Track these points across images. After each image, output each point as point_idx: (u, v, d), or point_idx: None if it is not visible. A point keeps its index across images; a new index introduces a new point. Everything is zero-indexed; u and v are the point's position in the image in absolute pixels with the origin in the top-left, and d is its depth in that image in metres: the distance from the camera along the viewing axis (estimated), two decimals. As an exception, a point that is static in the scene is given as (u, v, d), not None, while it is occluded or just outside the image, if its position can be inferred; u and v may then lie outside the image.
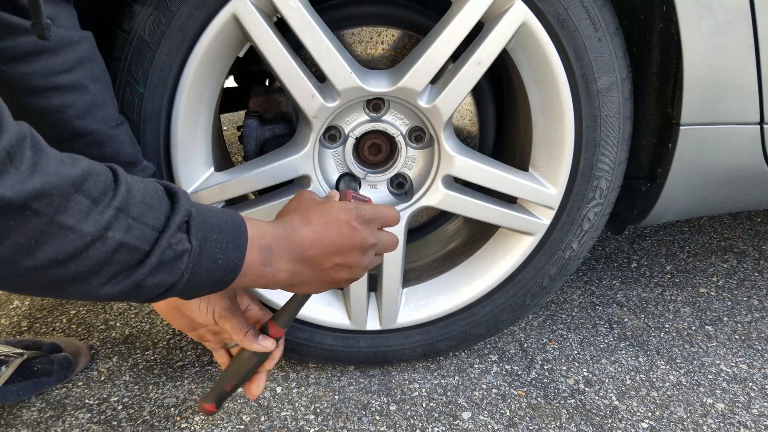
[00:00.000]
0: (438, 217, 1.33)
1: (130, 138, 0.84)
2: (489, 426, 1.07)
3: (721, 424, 1.08)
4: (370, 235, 0.79)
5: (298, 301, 0.87)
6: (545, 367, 1.22)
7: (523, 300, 1.14)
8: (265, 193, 1.08)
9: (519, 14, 0.90)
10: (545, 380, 1.19)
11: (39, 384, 1.13)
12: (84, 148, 0.78)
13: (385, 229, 0.85)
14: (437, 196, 1.04)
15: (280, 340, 0.90)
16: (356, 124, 1.01)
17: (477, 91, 1.17)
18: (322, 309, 1.13)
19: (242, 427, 1.06)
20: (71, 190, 0.51)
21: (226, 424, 1.07)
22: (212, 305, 0.88)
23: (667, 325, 1.37)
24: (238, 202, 1.09)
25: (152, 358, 1.25)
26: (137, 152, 0.84)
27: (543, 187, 1.04)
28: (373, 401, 1.13)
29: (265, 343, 0.88)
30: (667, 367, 1.23)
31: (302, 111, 0.95)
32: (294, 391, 1.16)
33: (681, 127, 0.99)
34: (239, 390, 1.15)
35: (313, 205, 0.79)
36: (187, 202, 0.62)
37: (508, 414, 1.10)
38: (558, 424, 1.08)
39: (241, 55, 0.97)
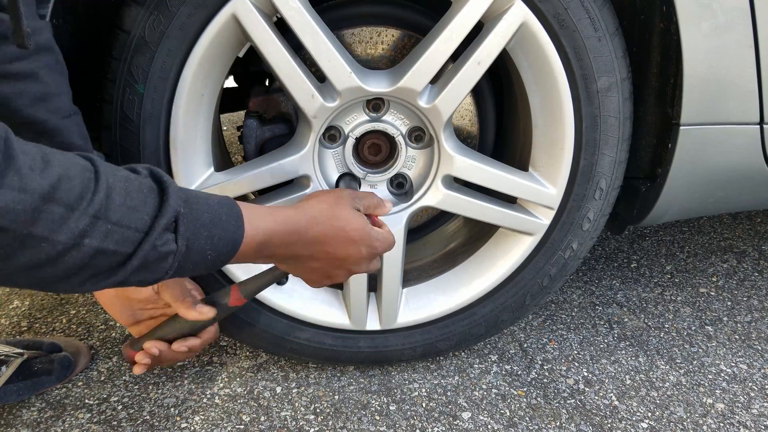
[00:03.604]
0: (438, 217, 1.33)
1: (80, 129, 0.83)
2: (489, 426, 1.07)
3: (721, 424, 1.08)
4: (365, 264, 0.83)
5: (273, 276, 0.86)
6: (545, 367, 1.22)
7: (523, 300, 1.14)
8: (265, 193, 1.08)
9: (519, 14, 0.90)
10: (545, 380, 1.19)
11: (39, 384, 1.13)
12: (35, 137, 0.76)
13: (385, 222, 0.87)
14: (437, 196, 1.04)
15: (227, 310, 0.88)
16: (356, 124, 1.01)
17: (477, 91, 1.17)
18: (322, 309, 1.13)
19: (242, 427, 1.06)
20: (40, 202, 0.50)
21: (226, 424, 1.07)
22: None
23: (667, 325, 1.37)
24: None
25: (152, 358, 1.25)
26: (86, 143, 0.83)
27: (543, 187, 1.04)
28: (373, 401, 1.13)
29: (203, 310, 0.85)
30: (667, 367, 1.23)
31: (302, 111, 0.95)
32: (294, 391, 1.16)
33: (681, 127, 0.99)
34: (238, 390, 1.15)
35: (335, 204, 0.79)
36: (177, 200, 0.61)
37: (508, 414, 1.10)
38: (558, 424, 1.08)
39: (241, 55, 0.97)
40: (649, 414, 1.10)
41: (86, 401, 1.12)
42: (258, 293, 0.88)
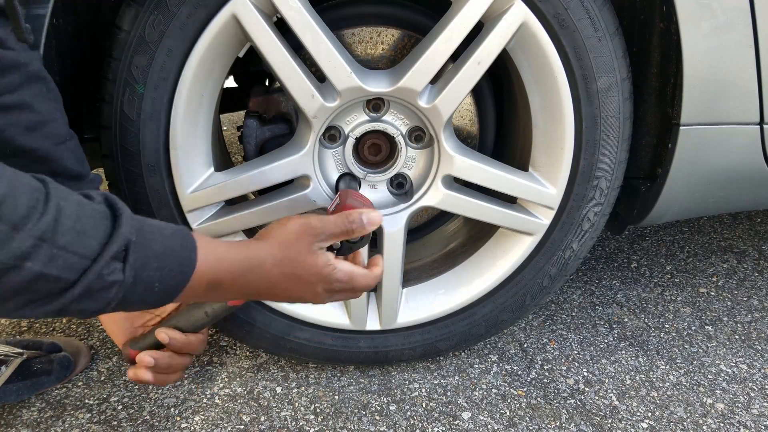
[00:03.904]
0: (438, 217, 1.33)
1: (76, 153, 0.82)
2: (489, 426, 1.07)
3: (721, 424, 1.08)
4: (326, 298, 0.81)
5: None
6: (545, 367, 1.22)
7: (523, 300, 1.14)
8: (265, 193, 1.08)
9: (519, 14, 0.90)
10: (545, 380, 1.19)
11: (39, 384, 1.13)
12: (28, 164, 0.76)
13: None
14: (437, 196, 1.04)
15: (226, 310, 0.88)
16: (356, 124, 1.01)
17: (477, 91, 1.17)
18: (322, 309, 1.13)
19: (242, 427, 1.06)
20: None
21: (226, 424, 1.07)
22: None
23: (667, 325, 1.37)
24: (238, 202, 1.09)
25: (152, 358, 1.24)
26: (82, 166, 0.82)
27: (543, 187, 1.04)
28: (373, 401, 1.13)
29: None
30: (667, 367, 1.23)
31: (302, 111, 0.95)
32: (294, 391, 1.16)
33: (681, 127, 0.99)
34: (238, 390, 1.15)
35: (292, 250, 0.76)
36: (129, 228, 0.59)
37: (508, 414, 1.10)
38: (558, 424, 1.08)
39: (241, 55, 0.97)
40: (649, 414, 1.10)
41: (86, 401, 1.12)
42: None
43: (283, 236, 0.78)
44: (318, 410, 1.11)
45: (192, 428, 1.06)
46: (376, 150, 1.05)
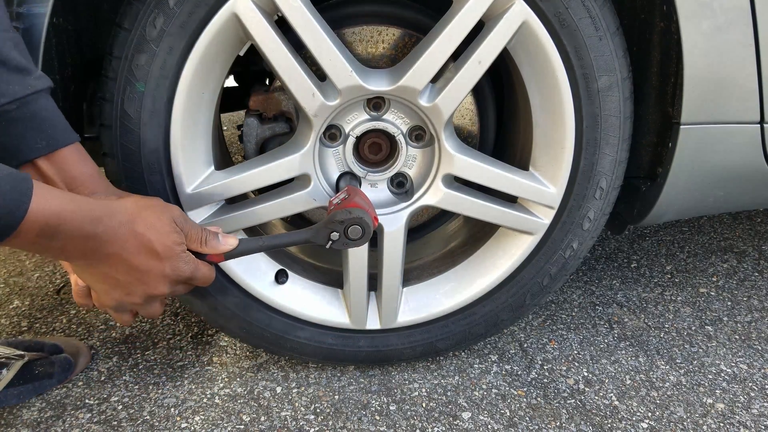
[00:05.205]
0: (438, 217, 1.33)
1: (19, 47, 0.77)
2: (489, 426, 1.07)
3: (721, 424, 1.08)
4: (168, 286, 0.79)
5: (258, 245, 0.88)
6: (545, 367, 1.22)
7: (523, 299, 1.14)
8: (265, 192, 1.08)
9: (520, 13, 0.90)
10: (545, 380, 1.19)
11: (40, 387, 1.13)
12: None
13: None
14: (437, 196, 1.04)
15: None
16: (357, 123, 1.01)
17: (477, 91, 1.17)
18: (322, 308, 1.13)
19: (242, 427, 1.06)
20: None
21: (226, 424, 1.06)
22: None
23: (667, 325, 1.37)
24: (238, 200, 1.09)
25: (152, 358, 1.24)
26: (28, 61, 0.77)
27: (543, 186, 1.04)
28: (373, 401, 1.13)
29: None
30: (667, 367, 1.23)
31: (303, 110, 0.95)
32: (294, 391, 1.15)
33: (681, 127, 0.99)
34: (238, 390, 1.15)
35: (151, 212, 0.74)
36: None
37: (508, 414, 1.10)
38: (558, 424, 1.07)
39: (241, 53, 0.97)
40: (649, 414, 1.10)
41: (86, 401, 1.12)
42: (239, 257, 0.89)
43: (147, 199, 0.76)
44: (318, 410, 1.11)
45: (192, 428, 1.06)
46: (376, 149, 1.05)
